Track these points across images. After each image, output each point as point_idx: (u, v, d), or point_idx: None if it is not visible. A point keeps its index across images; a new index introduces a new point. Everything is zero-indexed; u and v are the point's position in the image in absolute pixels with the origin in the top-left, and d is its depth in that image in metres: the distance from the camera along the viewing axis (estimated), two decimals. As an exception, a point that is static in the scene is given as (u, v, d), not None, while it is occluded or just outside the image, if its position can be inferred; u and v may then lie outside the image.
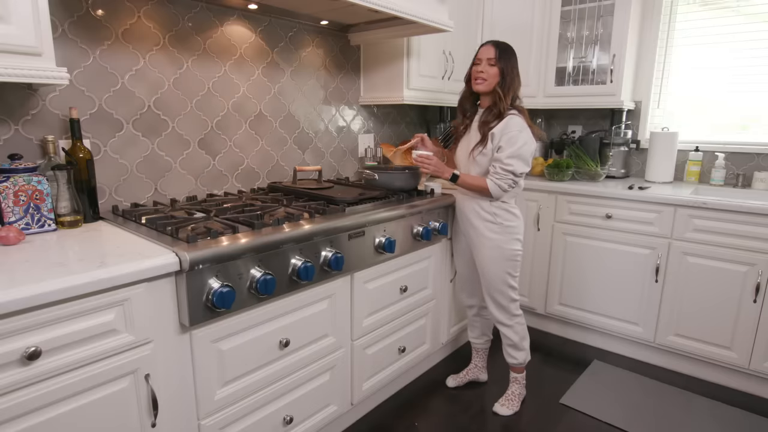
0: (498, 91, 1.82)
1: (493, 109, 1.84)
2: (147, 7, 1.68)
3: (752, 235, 2.07)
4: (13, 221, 1.32)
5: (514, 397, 2.06)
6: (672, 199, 2.24)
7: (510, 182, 1.81)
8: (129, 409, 1.16)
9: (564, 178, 2.68)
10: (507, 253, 1.90)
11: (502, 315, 1.98)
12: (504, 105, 1.81)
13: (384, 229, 1.79)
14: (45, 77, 1.20)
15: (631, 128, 2.89)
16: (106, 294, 1.07)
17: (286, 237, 1.42)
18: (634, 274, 2.39)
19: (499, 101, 1.82)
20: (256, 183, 2.16)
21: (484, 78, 1.82)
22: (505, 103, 1.81)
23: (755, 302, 2.08)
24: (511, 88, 1.83)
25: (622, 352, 2.55)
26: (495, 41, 1.85)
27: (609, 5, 2.59)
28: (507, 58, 1.82)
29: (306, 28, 2.24)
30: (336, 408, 1.77)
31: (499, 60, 1.80)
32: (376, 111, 2.73)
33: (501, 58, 1.81)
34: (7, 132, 1.42)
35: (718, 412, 2.05)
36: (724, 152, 2.58)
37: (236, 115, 2.02)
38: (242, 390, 1.41)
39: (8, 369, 0.95)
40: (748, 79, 2.55)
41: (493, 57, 1.80)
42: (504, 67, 1.81)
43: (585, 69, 2.76)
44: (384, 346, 1.94)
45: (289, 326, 1.52)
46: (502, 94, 1.81)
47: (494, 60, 1.80)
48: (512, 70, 1.83)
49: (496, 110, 1.82)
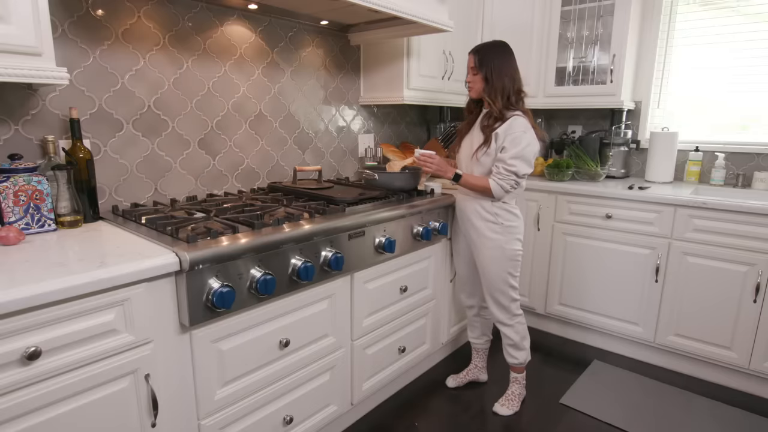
0: (485, 98, 1.85)
1: (491, 113, 1.85)
2: (147, 7, 1.68)
3: (752, 235, 2.07)
4: (13, 221, 1.32)
5: (514, 397, 2.06)
6: (672, 199, 2.24)
7: (512, 183, 1.81)
8: (129, 409, 1.16)
9: (564, 178, 2.68)
10: (508, 253, 1.90)
11: (503, 315, 1.98)
12: (497, 108, 1.81)
13: (384, 229, 1.79)
14: (45, 77, 1.20)
15: (631, 128, 2.89)
16: (106, 294, 1.07)
17: (286, 237, 1.42)
18: (634, 274, 2.40)
19: (492, 105, 1.82)
20: (256, 183, 2.16)
21: (471, 86, 1.88)
22: (497, 106, 1.81)
23: (755, 302, 2.08)
24: (501, 91, 1.81)
25: (622, 352, 2.55)
26: (476, 47, 1.86)
27: (609, 5, 2.59)
28: (488, 62, 1.81)
29: (306, 28, 2.24)
30: (336, 408, 1.77)
31: (481, 67, 1.82)
32: (376, 111, 2.73)
33: (482, 65, 1.82)
34: (7, 132, 1.42)
35: (718, 412, 2.05)
36: (724, 152, 2.58)
37: (236, 115, 2.02)
38: (242, 390, 1.41)
39: (8, 369, 0.95)
40: (748, 79, 2.55)
41: (474, 65, 1.83)
42: (486, 73, 1.81)
43: (585, 69, 2.76)
44: (384, 346, 1.94)
45: (289, 326, 1.52)
46: (491, 99, 1.82)
47: (476, 69, 1.83)
48: (498, 73, 1.80)
49: (493, 114, 1.83)
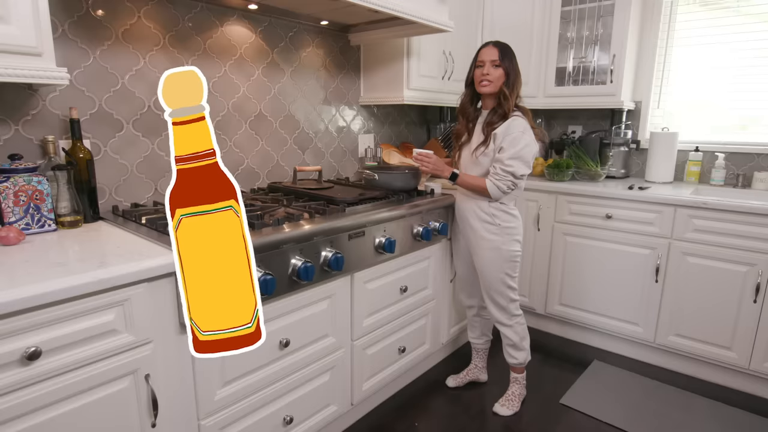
0: (504, 91, 1.82)
1: (498, 110, 1.83)
2: (147, 8, 1.68)
3: (752, 235, 2.07)
4: (13, 221, 1.32)
5: (515, 397, 2.06)
6: (672, 199, 2.24)
7: (509, 183, 1.81)
8: (129, 409, 1.16)
9: (564, 178, 2.68)
10: (505, 254, 1.90)
11: (502, 315, 1.98)
12: (509, 105, 1.81)
13: (384, 230, 1.79)
14: (45, 77, 1.20)
15: (631, 128, 2.89)
16: (106, 294, 1.07)
17: (286, 237, 1.42)
18: (634, 274, 2.39)
19: (505, 101, 1.81)
20: (256, 183, 2.16)
21: (490, 80, 1.81)
22: (510, 102, 1.81)
23: (755, 302, 2.08)
24: (515, 88, 1.83)
25: (622, 352, 2.55)
26: (495, 42, 1.85)
27: (609, 5, 2.59)
28: (510, 58, 1.82)
29: (306, 29, 2.24)
30: (336, 408, 1.77)
31: (503, 60, 1.81)
32: (376, 111, 2.73)
33: (504, 58, 1.81)
34: (7, 132, 1.42)
35: (718, 412, 2.05)
36: (724, 152, 2.58)
37: (236, 115, 2.02)
38: (242, 390, 1.41)
39: (8, 369, 0.95)
40: (748, 79, 2.55)
41: (496, 58, 1.81)
42: (508, 66, 1.81)
43: (585, 69, 2.76)
44: (384, 347, 1.94)
45: (289, 326, 1.52)
46: (508, 93, 1.81)
47: (498, 61, 1.81)
48: (515, 70, 1.83)
49: (501, 111, 1.82)
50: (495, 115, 1.84)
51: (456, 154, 2.03)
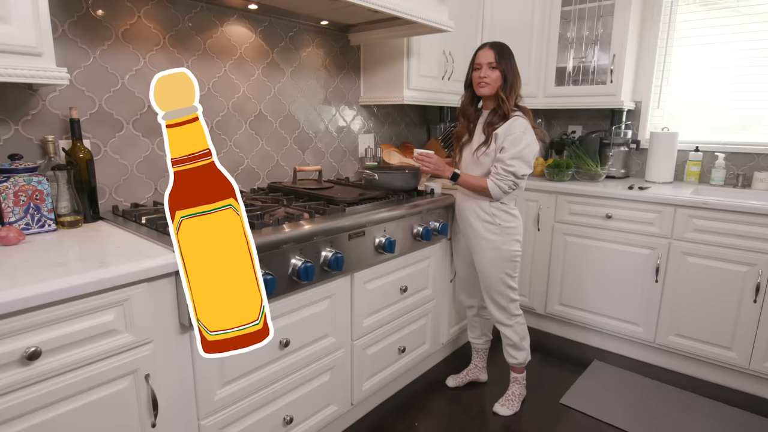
0: (501, 95, 1.82)
1: (498, 111, 1.84)
2: (147, 8, 1.68)
3: (752, 235, 2.07)
4: (13, 221, 1.32)
5: (515, 397, 2.06)
6: (672, 199, 2.24)
7: (510, 183, 1.81)
8: (129, 409, 1.16)
9: (564, 178, 2.68)
10: (505, 254, 1.90)
11: (502, 315, 1.98)
12: (508, 106, 1.81)
13: (384, 230, 1.79)
14: (45, 77, 1.20)
15: (631, 128, 2.89)
16: (106, 294, 1.07)
17: (286, 237, 1.42)
18: (634, 274, 2.39)
19: (503, 103, 1.81)
20: (256, 183, 2.15)
21: (487, 82, 1.82)
22: (509, 104, 1.81)
23: (755, 302, 2.08)
24: (514, 89, 1.83)
25: (622, 352, 2.55)
26: (492, 43, 1.85)
27: (609, 5, 2.60)
28: (507, 59, 1.82)
29: (306, 29, 2.24)
30: (336, 408, 1.77)
31: (500, 62, 1.80)
32: (376, 111, 2.73)
33: (501, 60, 1.81)
34: (7, 132, 1.42)
35: (718, 412, 2.05)
36: (724, 152, 2.58)
37: (236, 115, 2.02)
38: (242, 390, 1.42)
39: (8, 369, 0.95)
40: (748, 79, 2.55)
41: (493, 60, 1.80)
42: (505, 68, 1.81)
43: (585, 69, 2.76)
44: (384, 347, 1.94)
45: (289, 326, 1.52)
46: (505, 96, 1.81)
47: (495, 63, 1.80)
48: (513, 70, 1.83)
49: (501, 112, 1.82)
50: (496, 116, 1.84)
51: (457, 155, 2.03)
